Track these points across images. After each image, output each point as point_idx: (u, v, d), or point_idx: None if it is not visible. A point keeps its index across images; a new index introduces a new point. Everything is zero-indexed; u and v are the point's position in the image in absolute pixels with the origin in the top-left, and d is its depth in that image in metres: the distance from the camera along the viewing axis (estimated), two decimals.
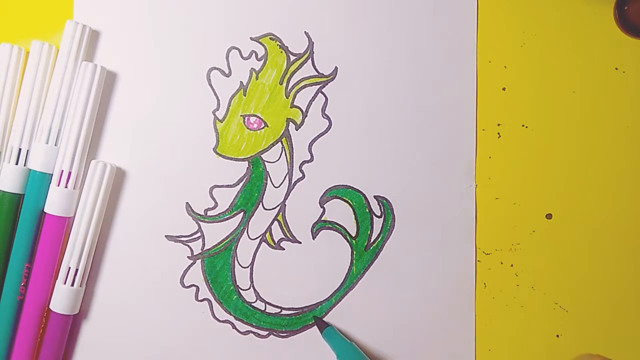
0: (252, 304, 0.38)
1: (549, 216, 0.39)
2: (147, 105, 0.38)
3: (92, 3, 0.38)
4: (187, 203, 0.38)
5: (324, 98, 0.38)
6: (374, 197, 0.39)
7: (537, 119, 0.39)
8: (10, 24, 0.38)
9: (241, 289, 0.38)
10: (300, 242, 0.38)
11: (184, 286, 0.38)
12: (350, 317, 0.38)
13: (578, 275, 0.39)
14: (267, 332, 0.38)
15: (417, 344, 0.38)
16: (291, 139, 0.38)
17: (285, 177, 0.38)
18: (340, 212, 0.39)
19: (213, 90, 0.38)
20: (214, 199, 0.38)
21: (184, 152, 0.38)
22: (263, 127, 0.38)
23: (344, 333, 0.38)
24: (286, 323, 0.38)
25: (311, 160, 0.38)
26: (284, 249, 0.38)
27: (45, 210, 0.36)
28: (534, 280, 0.39)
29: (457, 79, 0.39)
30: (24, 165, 0.36)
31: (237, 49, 0.38)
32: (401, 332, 0.38)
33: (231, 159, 0.38)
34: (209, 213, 0.38)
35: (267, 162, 0.38)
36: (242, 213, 0.38)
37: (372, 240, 0.39)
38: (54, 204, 0.36)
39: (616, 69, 0.39)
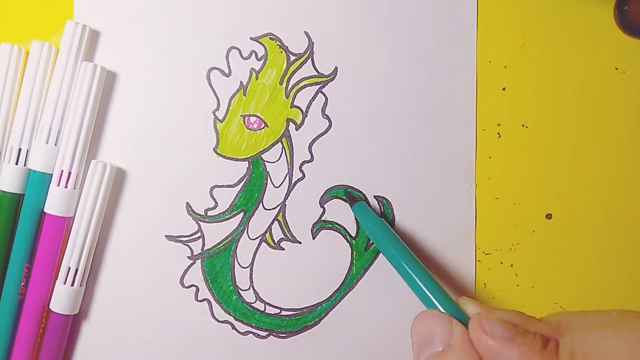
0: (252, 305, 0.38)
1: (549, 216, 0.39)
2: (147, 105, 0.38)
3: (92, 3, 0.38)
4: (187, 203, 0.38)
5: (324, 98, 0.38)
6: (374, 197, 0.39)
7: (537, 119, 0.39)
8: (10, 24, 0.38)
9: (241, 289, 0.38)
10: (300, 242, 0.38)
11: (183, 286, 0.38)
12: (350, 317, 0.38)
13: (578, 275, 0.39)
14: (267, 333, 0.38)
15: None
16: (291, 139, 0.38)
17: (285, 177, 0.38)
18: (340, 212, 0.39)
19: (213, 90, 0.38)
20: (214, 199, 0.38)
21: (184, 152, 0.38)
22: (263, 127, 0.38)
23: (344, 333, 0.38)
24: (286, 324, 0.38)
25: (311, 160, 0.38)
26: (284, 249, 0.38)
27: (45, 210, 0.36)
28: (534, 280, 0.39)
29: (457, 79, 0.39)
30: (24, 165, 0.36)
31: (237, 49, 0.38)
32: (401, 332, 0.38)
33: (231, 159, 0.38)
34: (209, 213, 0.38)
35: (267, 162, 0.38)
36: (242, 213, 0.38)
37: (372, 241, 0.39)
38: (54, 204, 0.36)
39: (616, 69, 0.39)
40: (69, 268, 0.36)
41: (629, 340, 0.25)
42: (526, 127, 0.39)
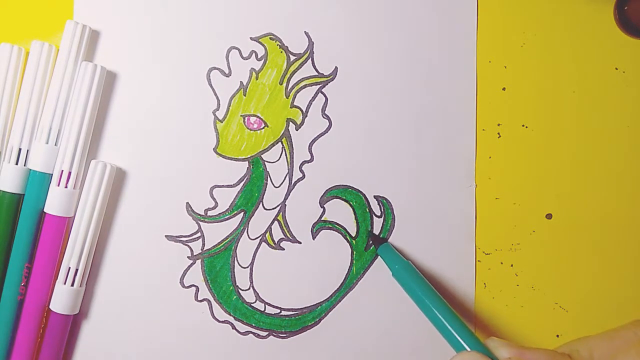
0: (252, 305, 0.38)
1: (549, 216, 0.39)
2: (147, 105, 0.38)
3: (92, 3, 0.38)
4: (187, 203, 0.38)
5: (324, 98, 0.38)
6: (374, 197, 0.39)
7: (537, 119, 0.39)
8: (10, 24, 0.38)
9: (241, 289, 0.38)
10: (300, 242, 0.38)
11: (183, 286, 0.38)
12: (350, 318, 0.38)
13: (578, 275, 0.39)
14: (267, 333, 0.38)
15: (417, 344, 0.38)
16: (291, 139, 0.38)
17: (285, 177, 0.38)
18: (340, 212, 0.39)
19: (213, 90, 0.38)
20: (214, 199, 0.38)
21: (184, 152, 0.38)
22: (263, 127, 0.38)
23: (344, 333, 0.38)
24: (286, 324, 0.38)
25: (311, 160, 0.38)
26: (284, 249, 0.38)
27: (45, 210, 0.36)
28: (534, 280, 0.39)
29: (457, 79, 0.39)
30: (24, 165, 0.36)
31: (237, 49, 0.38)
32: (401, 332, 0.38)
33: (231, 159, 0.38)
34: (209, 213, 0.38)
35: (267, 162, 0.38)
36: (242, 213, 0.38)
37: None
38: (54, 204, 0.36)
39: (616, 69, 0.39)
40: (69, 268, 0.36)
41: None
42: (526, 127, 0.39)
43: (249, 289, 0.38)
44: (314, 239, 0.38)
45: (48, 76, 0.36)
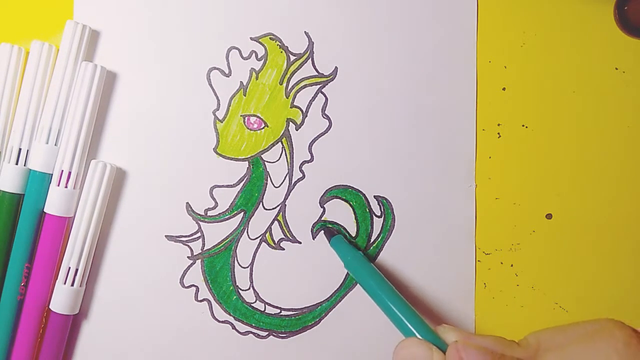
0: (252, 305, 0.38)
1: (549, 216, 0.39)
2: (147, 105, 0.38)
3: (92, 3, 0.38)
4: (187, 203, 0.38)
5: (324, 98, 0.38)
6: (374, 197, 0.39)
7: (537, 119, 0.39)
8: (10, 24, 0.38)
9: (241, 289, 0.38)
10: (300, 242, 0.38)
11: (183, 286, 0.38)
12: (350, 317, 0.38)
13: (578, 275, 0.39)
14: (267, 333, 0.38)
15: None
16: (291, 139, 0.38)
17: (285, 177, 0.38)
18: (340, 212, 0.39)
19: (213, 90, 0.38)
20: (214, 199, 0.38)
21: (184, 152, 0.38)
22: (263, 127, 0.38)
23: (344, 333, 0.38)
24: (286, 324, 0.38)
25: (311, 160, 0.38)
26: (284, 249, 0.38)
27: (45, 210, 0.36)
28: (534, 280, 0.39)
29: (457, 79, 0.39)
30: (24, 165, 0.36)
31: (237, 49, 0.38)
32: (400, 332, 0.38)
33: (231, 159, 0.38)
34: (209, 213, 0.38)
35: (267, 162, 0.38)
36: (242, 213, 0.38)
37: (372, 241, 0.39)
38: (54, 204, 0.36)
39: (616, 69, 0.39)
40: (69, 268, 0.36)
41: (606, 352, 0.26)
42: (526, 127, 0.39)
43: (249, 289, 0.38)
44: (314, 239, 0.38)
45: (48, 76, 0.36)
